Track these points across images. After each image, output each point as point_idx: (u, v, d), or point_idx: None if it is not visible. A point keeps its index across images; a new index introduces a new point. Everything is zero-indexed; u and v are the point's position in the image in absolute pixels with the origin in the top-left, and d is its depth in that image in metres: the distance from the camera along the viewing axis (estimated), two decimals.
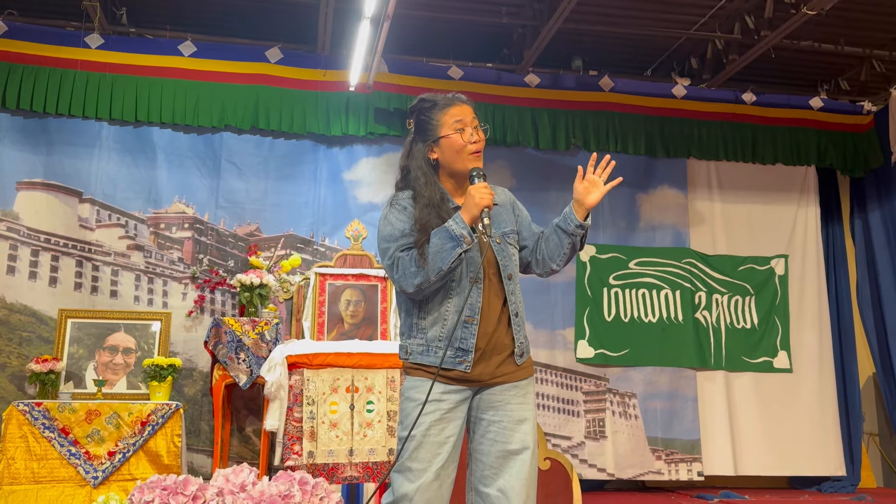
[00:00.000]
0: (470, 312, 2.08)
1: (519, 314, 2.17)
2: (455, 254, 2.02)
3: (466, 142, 2.18)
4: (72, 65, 5.74)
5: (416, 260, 2.06)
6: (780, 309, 6.69)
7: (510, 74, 6.41)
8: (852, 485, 6.43)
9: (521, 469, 2.05)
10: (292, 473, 1.39)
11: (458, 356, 2.07)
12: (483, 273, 2.13)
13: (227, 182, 6.02)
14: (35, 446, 4.64)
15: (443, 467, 2.04)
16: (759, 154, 6.79)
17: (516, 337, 2.15)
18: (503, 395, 2.12)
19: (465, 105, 2.28)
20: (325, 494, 1.36)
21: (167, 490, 1.23)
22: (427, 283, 2.05)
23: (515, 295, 2.18)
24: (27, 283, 5.54)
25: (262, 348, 5.07)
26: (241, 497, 1.28)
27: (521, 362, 2.15)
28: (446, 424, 2.06)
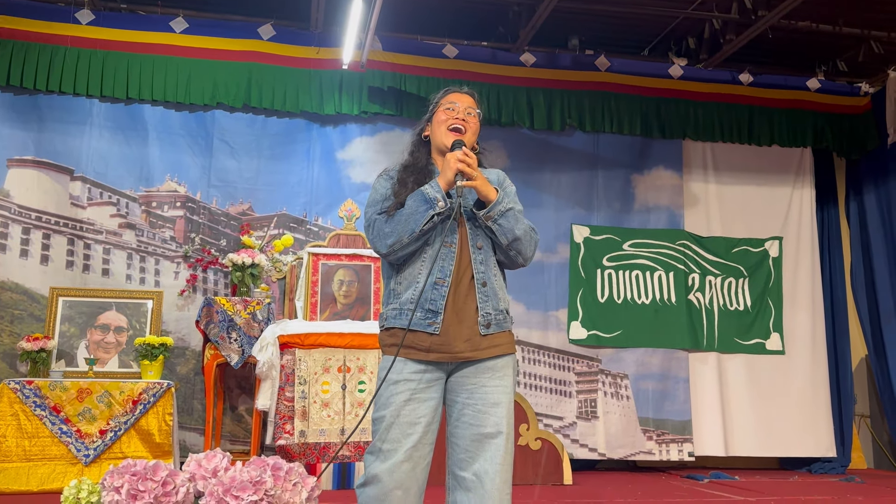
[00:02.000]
0: (441, 275, 2.11)
1: (488, 285, 2.16)
2: (427, 216, 2.08)
3: (449, 116, 2.26)
4: (62, 41, 5.68)
5: (390, 221, 2.13)
6: (774, 291, 6.69)
7: (505, 53, 6.36)
8: (842, 466, 6.48)
9: (495, 453, 2.04)
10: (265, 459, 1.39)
11: (428, 318, 2.09)
12: (458, 240, 2.17)
13: (219, 161, 5.98)
14: (26, 424, 4.65)
15: (414, 448, 2.03)
16: (755, 135, 6.75)
17: (481, 307, 2.13)
18: (477, 378, 2.11)
19: (466, 95, 2.34)
20: (298, 480, 1.35)
21: (136, 476, 1.22)
22: (399, 244, 2.12)
23: (486, 265, 2.17)
24: (18, 261, 5.53)
25: (254, 328, 5.07)
26: (213, 482, 1.27)
27: (485, 332, 2.12)
28: (418, 405, 2.06)
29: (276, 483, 1.30)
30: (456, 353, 2.11)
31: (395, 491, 1.99)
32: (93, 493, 1.32)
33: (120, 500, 1.21)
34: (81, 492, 1.32)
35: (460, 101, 2.29)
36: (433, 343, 2.10)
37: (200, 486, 1.30)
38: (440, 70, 6.20)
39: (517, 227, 2.18)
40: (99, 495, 1.31)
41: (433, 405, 2.10)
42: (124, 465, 1.29)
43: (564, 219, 6.48)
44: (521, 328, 6.26)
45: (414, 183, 2.19)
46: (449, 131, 2.24)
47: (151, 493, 1.21)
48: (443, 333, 2.10)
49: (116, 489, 1.23)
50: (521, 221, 2.20)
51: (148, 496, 1.21)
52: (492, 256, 2.20)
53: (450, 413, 2.14)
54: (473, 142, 2.30)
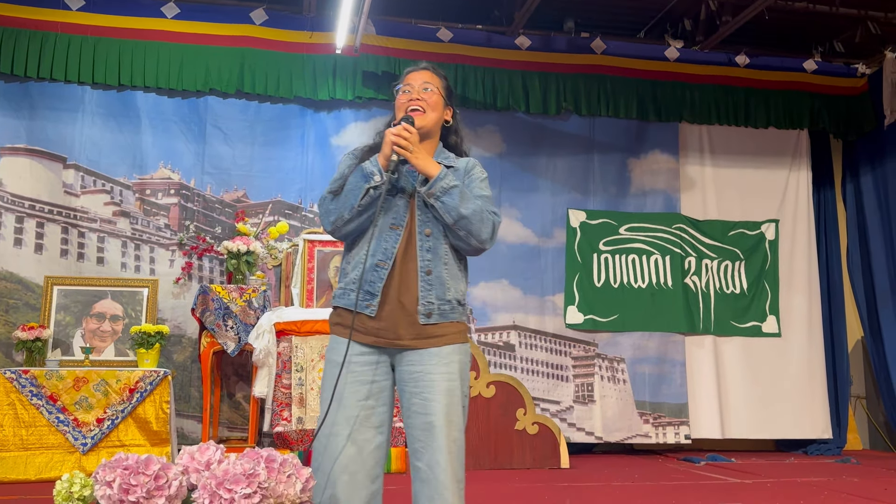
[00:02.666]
0: (382, 257, 2.07)
1: (433, 273, 2.08)
2: (363, 190, 2.04)
3: (405, 101, 2.19)
4: (52, 27, 5.63)
5: (335, 199, 2.11)
6: (770, 274, 6.69)
7: (500, 36, 6.31)
8: (838, 447, 6.51)
9: (441, 443, 1.98)
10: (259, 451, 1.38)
11: (366, 299, 2.05)
12: (407, 224, 2.10)
13: (212, 147, 5.95)
14: (23, 413, 4.65)
15: (357, 431, 2.00)
16: (751, 118, 6.73)
17: (422, 295, 2.05)
18: (423, 366, 2.04)
19: (421, 71, 2.25)
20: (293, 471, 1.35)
21: (128, 469, 1.21)
22: (341, 220, 2.09)
23: (433, 253, 2.09)
24: (12, 250, 5.50)
25: (250, 315, 5.06)
26: (206, 475, 1.26)
27: (425, 322, 2.05)
28: (360, 387, 2.03)
29: (270, 475, 1.29)
30: (395, 341, 2.06)
31: (341, 476, 1.95)
32: (85, 487, 1.30)
33: (112, 494, 1.20)
34: (74, 485, 1.31)
35: (415, 80, 2.22)
36: (374, 327, 2.06)
37: (194, 479, 1.29)
38: (435, 54, 6.15)
39: (463, 206, 2.05)
40: (92, 489, 1.30)
41: (377, 388, 2.06)
42: (116, 458, 1.28)
43: (560, 203, 6.47)
44: (518, 313, 6.27)
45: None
46: (408, 114, 2.16)
47: (143, 486, 1.20)
48: (383, 318, 2.05)
49: (108, 483, 1.22)
50: (470, 201, 2.07)
51: (140, 490, 1.20)
52: (443, 244, 2.11)
53: (401, 403, 2.10)
54: (436, 117, 2.20)
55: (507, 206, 6.36)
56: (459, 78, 6.19)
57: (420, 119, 2.15)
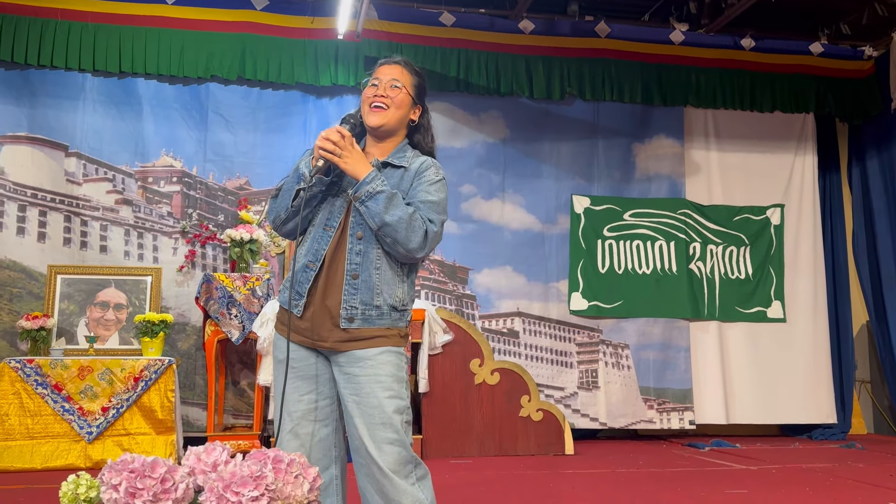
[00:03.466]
0: (312, 258, 2.07)
1: (360, 277, 2.03)
2: (293, 190, 2.06)
3: (370, 95, 2.14)
4: (52, 14, 5.58)
5: (275, 199, 2.15)
6: (775, 259, 6.67)
7: (504, 20, 6.26)
8: (843, 432, 6.51)
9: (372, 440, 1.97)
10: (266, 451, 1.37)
11: (295, 299, 2.07)
12: (340, 226, 2.08)
13: (214, 134, 5.92)
14: (28, 402, 4.65)
15: (298, 425, 2.04)
16: (757, 102, 6.67)
17: (345, 299, 2.02)
18: (351, 368, 2.03)
19: (393, 65, 2.19)
20: (300, 471, 1.33)
21: (134, 472, 1.20)
22: (279, 220, 2.12)
23: (363, 257, 2.05)
24: (15, 239, 5.49)
25: (254, 304, 5.05)
26: (212, 477, 1.25)
27: (346, 326, 2.02)
28: (300, 383, 2.07)
29: (278, 476, 1.28)
30: (317, 342, 2.06)
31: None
32: (91, 489, 1.29)
33: (118, 497, 1.19)
34: (80, 487, 1.30)
35: (384, 75, 2.15)
36: (301, 327, 2.07)
37: (200, 481, 1.28)
38: (437, 38, 6.11)
39: (388, 213, 1.99)
40: (98, 490, 1.29)
41: (318, 381, 2.08)
42: (122, 460, 1.27)
43: (564, 189, 6.43)
44: (522, 300, 6.26)
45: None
46: (370, 109, 2.12)
47: (150, 490, 1.19)
48: (309, 318, 2.06)
49: (115, 487, 1.21)
50: (398, 208, 2.00)
51: (146, 493, 1.18)
52: (375, 248, 2.06)
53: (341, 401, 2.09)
54: (400, 115, 2.15)
55: (510, 192, 6.33)
56: (462, 63, 6.14)
57: (381, 117, 2.11)
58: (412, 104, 2.18)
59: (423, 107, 2.24)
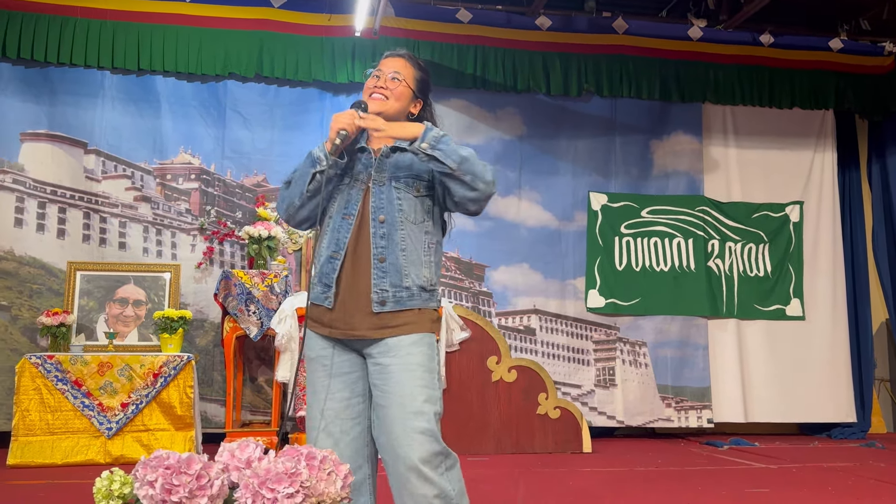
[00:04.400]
0: (335, 248, 2.06)
1: (388, 260, 2.03)
2: (310, 175, 2.04)
3: (370, 85, 2.17)
4: (71, 12, 5.61)
5: (286, 187, 2.13)
6: (795, 256, 6.61)
7: (520, 17, 6.23)
8: (862, 431, 6.45)
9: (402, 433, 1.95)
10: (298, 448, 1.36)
11: (323, 292, 2.05)
12: (359, 213, 2.07)
13: (232, 132, 5.93)
14: (49, 398, 4.69)
15: (333, 423, 2.03)
16: (776, 98, 6.62)
17: (375, 283, 2.02)
18: (383, 359, 2.02)
19: (395, 58, 2.21)
20: (332, 468, 1.33)
21: (170, 469, 1.20)
22: (293, 207, 2.09)
23: (388, 240, 2.04)
24: (35, 236, 5.53)
25: (272, 300, 5.06)
26: (247, 474, 1.25)
27: (379, 310, 2.01)
28: (331, 380, 2.05)
29: (311, 473, 1.28)
30: (349, 331, 2.04)
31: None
32: (125, 485, 1.30)
33: (154, 494, 1.19)
34: (114, 483, 1.30)
35: (386, 67, 2.18)
36: (331, 318, 2.05)
37: (234, 478, 1.28)
38: (454, 35, 6.10)
39: (461, 149, 1.99)
40: (131, 486, 1.30)
41: (352, 379, 2.07)
42: (156, 456, 1.27)
43: (581, 186, 6.41)
44: (539, 297, 6.24)
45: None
46: (370, 98, 2.14)
47: (186, 486, 1.19)
48: (339, 309, 2.04)
49: (150, 483, 1.21)
50: (462, 147, 2.02)
51: (182, 490, 1.18)
52: (398, 230, 2.05)
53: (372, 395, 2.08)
54: (399, 107, 2.15)
55: (527, 188, 6.31)
56: (479, 59, 6.13)
57: (378, 105, 2.11)
58: (412, 97, 2.18)
59: (425, 102, 2.23)
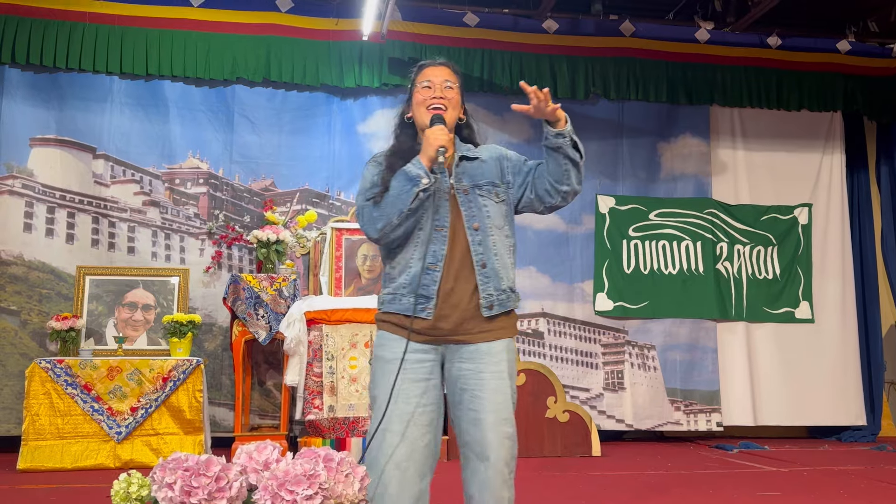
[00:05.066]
0: (433, 260, 2.10)
1: (488, 266, 2.13)
2: (413, 193, 2.06)
3: (427, 97, 2.21)
4: (80, 17, 5.63)
5: (378, 206, 2.12)
6: (803, 259, 6.59)
7: (527, 20, 6.23)
8: (872, 434, 6.42)
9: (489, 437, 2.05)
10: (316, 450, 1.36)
11: (420, 303, 2.09)
12: (450, 223, 2.14)
13: (240, 136, 5.95)
14: (58, 402, 4.69)
15: (411, 429, 2.05)
16: (783, 100, 6.60)
17: (482, 288, 2.12)
18: (474, 364, 2.10)
19: (440, 67, 2.27)
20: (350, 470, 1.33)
21: (189, 471, 1.20)
22: (390, 226, 2.10)
23: (484, 246, 2.14)
24: (44, 241, 5.55)
25: (281, 304, 5.07)
26: (266, 476, 1.25)
27: (488, 314, 2.11)
28: (411, 385, 2.07)
29: (330, 475, 1.28)
30: (448, 337, 2.11)
31: (394, 472, 2.01)
32: (143, 487, 1.30)
33: (174, 496, 1.19)
34: (132, 486, 1.30)
35: (435, 76, 2.23)
36: (426, 326, 2.10)
37: (253, 480, 1.28)
38: (461, 39, 6.10)
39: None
40: (149, 488, 1.29)
41: (428, 386, 2.11)
42: (174, 458, 1.27)
43: (589, 189, 6.39)
44: (547, 300, 6.23)
45: (401, 164, 2.15)
46: (428, 111, 2.19)
47: (205, 488, 1.19)
48: (440, 318, 2.10)
49: (169, 485, 1.21)
50: None
51: (202, 492, 1.18)
52: (490, 237, 2.15)
53: (450, 396, 2.15)
54: (455, 115, 2.24)
55: None
56: (486, 63, 6.13)
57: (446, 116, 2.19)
58: (462, 103, 2.28)
59: (464, 105, 2.32)
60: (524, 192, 2.28)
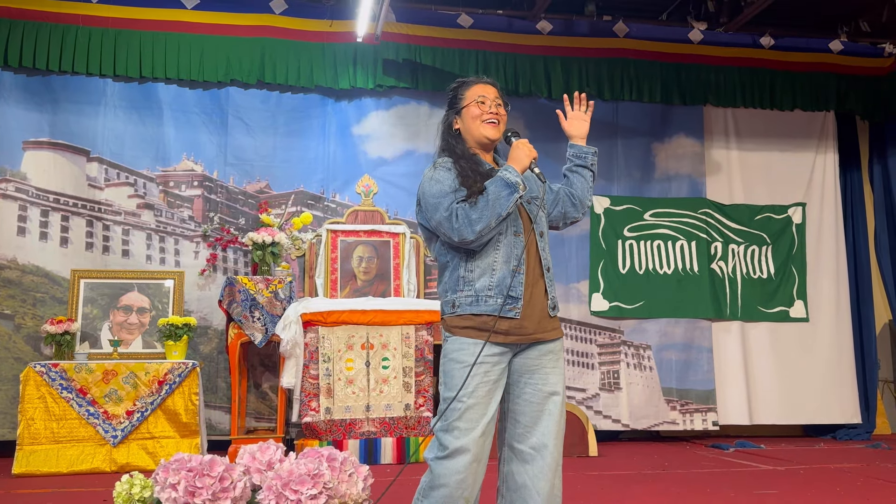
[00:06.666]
0: (517, 263, 2.26)
1: (550, 270, 2.35)
2: (513, 199, 2.23)
3: (483, 111, 2.39)
4: (73, 20, 5.61)
5: (475, 208, 2.24)
6: (797, 258, 6.62)
7: (521, 21, 6.24)
8: (867, 432, 6.45)
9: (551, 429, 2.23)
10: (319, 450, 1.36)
11: (509, 303, 2.23)
12: (523, 230, 2.33)
13: (234, 138, 5.93)
14: (53, 407, 4.67)
15: (489, 424, 2.20)
16: (777, 100, 6.64)
17: (549, 290, 2.31)
18: (540, 360, 2.28)
19: (488, 86, 2.46)
20: (353, 470, 1.33)
21: (193, 472, 1.19)
22: (487, 228, 2.24)
23: (545, 252, 2.36)
24: (38, 244, 5.52)
25: (277, 306, 5.05)
26: (270, 476, 1.24)
27: (553, 314, 2.32)
28: (492, 386, 2.22)
29: (334, 474, 1.27)
30: (529, 335, 2.27)
31: (473, 463, 2.16)
32: (145, 489, 1.29)
33: (178, 497, 1.18)
34: (134, 487, 1.29)
35: (489, 94, 2.42)
36: (511, 326, 2.24)
37: (256, 480, 1.27)
38: (455, 40, 6.11)
39: None
40: (151, 490, 1.29)
41: (502, 384, 2.27)
42: (177, 459, 1.26)
43: None
44: None
45: (472, 172, 2.32)
46: (486, 125, 2.38)
47: (209, 489, 1.18)
48: (526, 317, 2.26)
49: (173, 486, 1.20)
50: None
51: (206, 492, 1.18)
52: (547, 244, 2.38)
53: (511, 391, 2.29)
54: (503, 130, 2.44)
55: None
56: (480, 64, 6.13)
57: (497, 131, 2.41)
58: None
59: None
60: (555, 209, 2.54)
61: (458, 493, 2.12)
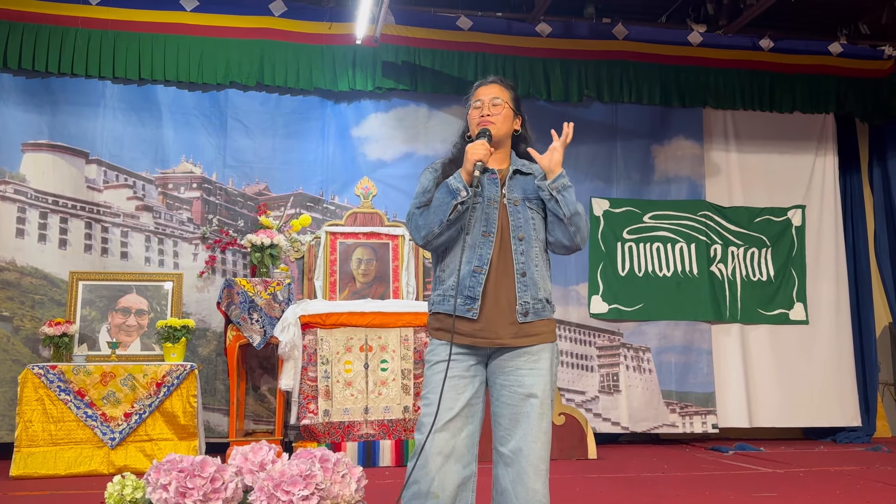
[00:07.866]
0: (479, 263, 2.22)
1: (528, 275, 2.24)
2: (451, 206, 2.19)
3: (476, 116, 2.37)
4: (72, 22, 5.61)
5: (424, 214, 2.26)
6: (797, 260, 6.61)
7: (521, 24, 6.24)
8: (867, 435, 6.43)
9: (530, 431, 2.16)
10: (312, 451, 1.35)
11: (467, 304, 2.21)
12: (498, 230, 2.26)
13: (234, 140, 5.93)
14: (51, 409, 4.66)
15: (452, 421, 2.16)
16: (776, 102, 6.63)
17: (519, 296, 2.22)
18: (514, 362, 2.22)
19: (489, 85, 2.42)
20: (346, 471, 1.32)
21: (184, 472, 1.19)
22: (431, 234, 2.24)
23: (526, 256, 2.26)
24: (37, 246, 5.51)
25: (275, 308, 5.05)
26: (262, 476, 1.24)
27: (523, 321, 2.21)
28: (458, 382, 2.19)
29: (326, 475, 1.27)
30: (494, 340, 2.22)
31: (435, 457, 2.12)
32: (137, 489, 1.28)
33: (169, 497, 1.18)
34: (126, 488, 1.28)
35: (484, 95, 2.37)
36: (474, 329, 2.22)
37: (248, 481, 1.27)
38: (454, 43, 6.10)
39: (577, 204, 2.29)
40: (143, 490, 1.28)
41: (474, 384, 2.23)
42: (169, 460, 1.26)
43: (583, 192, 6.39)
44: None
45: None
46: (479, 127, 2.34)
47: (200, 489, 1.17)
48: (483, 320, 2.21)
49: (164, 487, 1.19)
50: (578, 202, 2.33)
51: (197, 493, 1.17)
52: (533, 247, 2.27)
53: (491, 394, 2.28)
54: (506, 128, 2.36)
55: None
56: (480, 66, 6.13)
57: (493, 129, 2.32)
58: (514, 116, 2.39)
59: (523, 117, 2.44)
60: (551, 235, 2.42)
61: (425, 487, 2.10)
